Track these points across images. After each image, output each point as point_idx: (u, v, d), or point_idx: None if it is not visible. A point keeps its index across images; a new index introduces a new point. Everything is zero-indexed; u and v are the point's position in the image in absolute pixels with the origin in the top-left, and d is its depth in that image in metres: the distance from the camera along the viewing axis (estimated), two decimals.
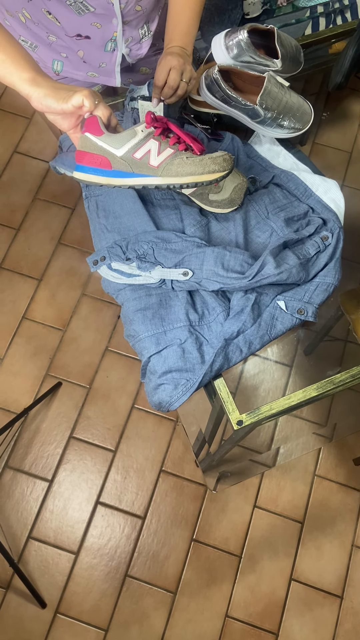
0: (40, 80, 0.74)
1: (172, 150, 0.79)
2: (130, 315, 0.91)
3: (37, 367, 1.74)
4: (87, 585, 1.54)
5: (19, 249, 1.89)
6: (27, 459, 1.65)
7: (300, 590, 1.55)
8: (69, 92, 0.74)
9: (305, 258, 0.91)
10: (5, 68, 0.74)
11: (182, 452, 1.66)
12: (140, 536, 1.59)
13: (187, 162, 0.79)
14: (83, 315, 1.81)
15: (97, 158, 0.78)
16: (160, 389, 0.85)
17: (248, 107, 0.98)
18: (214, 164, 0.79)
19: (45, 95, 0.73)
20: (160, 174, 0.79)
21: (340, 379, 0.87)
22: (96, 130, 0.77)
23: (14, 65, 0.74)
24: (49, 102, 0.73)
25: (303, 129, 1.02)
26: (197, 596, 1.54)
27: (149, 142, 0.78)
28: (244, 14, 1.19)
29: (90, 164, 0.79)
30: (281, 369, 1.11)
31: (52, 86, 0.74)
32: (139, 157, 0.78)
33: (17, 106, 2.10)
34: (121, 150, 0.77)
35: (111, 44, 1.03)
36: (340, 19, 1.26)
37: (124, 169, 0.79)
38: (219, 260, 0.87)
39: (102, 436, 1.68)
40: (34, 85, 0.73)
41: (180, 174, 0.79)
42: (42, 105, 0.74)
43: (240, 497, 1.62)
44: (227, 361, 0.86)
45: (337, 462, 1.66)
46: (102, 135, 0.76)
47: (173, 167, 0.79)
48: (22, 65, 0.74)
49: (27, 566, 1.55)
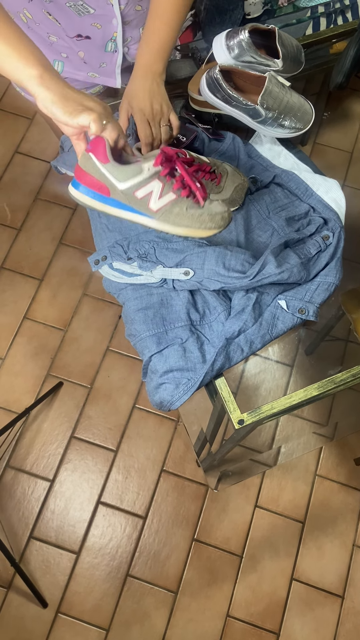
0: (48, 79, 0.69)
1: (174, 196, 0.76)
2: (131, 315, 0.91)
3: (39, 367, 1.74)
4: (89, 585, 1.54)
5: (20, 249, 1.89)
6: (29, 459, 1.65)
7: (302, 590, 1.55)
8: (78, 107, 0.69)
9: (306, 257, 0.91)
10: (11, 63, 0.69)
11: (183, 451, 1.66)
12: (141, 536, 1.59)
13: (186, 214, 0.76)
14: (84, 315, 1.81)
15: (96, 182, 0.74)
16: (162, 388, 0.86)
17: (249, 107, 0.98)
18: (212, 221, 0.77)
19: (53, 101, 0.68)
20: (157, 218, 0.76)
21: (341, 378, 0.87)
22: (102, 156, 0.72)
23: (21, 61, 0.69)
24: (55, 111, 0.69)
25: (304, 128, 1.02)
26: (198, 596, 1.54)
27: (153, 182, 0.74)
28: (245, 14, 1.19)
29: (89, 185, 0.74)
30: (282, 369, 1.11)
31: (62, 93, 0.69)
32: (140, 196, 0.75)
33: (19, 107, 2.11)
34: (124, 185, 0.74)
35: (112, 45, 1.03)
36: (341, 19, 1.26)
37: (122, 201, 0.75)
38: (220, 259, 0.87)
39: (103, 436, 1.68)
40: (41, 86, 0.68)
41: (176, 224, 0.77)
42: (47, 110, 0.70)
43: (241, 497, 1.62)
44: (228, 360, 0.86)
45: (338, 462, 1.66)
46: (107, 163, 0.72)
47: (171, 216, 0.76)
48: (30, 60, 0.69)
49: (29, 566, 1.55)
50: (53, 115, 0.70)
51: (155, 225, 0.77)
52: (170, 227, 0.77)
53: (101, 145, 0.71)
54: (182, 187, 0.76)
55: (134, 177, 0.73)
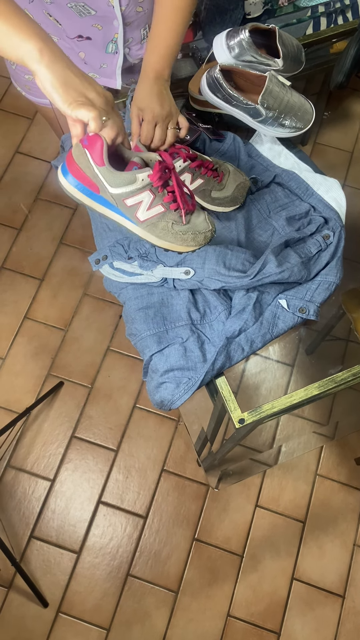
0: (49, 55, 0.66)
1: (163, 210, 0.75)
2: (132, 314, 0.91)
3: (39, 367, 1.75)
4: (89, 584, 1.54)
5: (20, 249, 1.90)
6: (29, 459, 1.65)
7: (302, 589, 1.55)
8: (78, 98, 0.66)
9: (307, 257, 0.91)
10: (9, 39, 0.65)
11: (184, 451, 1.66)
12: (142, 535, 1.59)
13: (170, 231, 0.76)
14: (85, 315, 1.81)
15: (87, 178, 0.73)
16: (162, 388, 0.86)
17: (249, 106, 0.98)
18: (194, 240, 0.78)
19: (53, 86, 0.66)
20: (142, 228, 0.76)
21: (341, 378, 0.87)
22: (97, 157, 0.70)
23: (19, 35, 0.65)
24: (54, 96, 0.66)
25: (304, 128, 1.02)
26: (199, 595, 1.54)
27: (144, 193, 0.73)
28: (245, 13, 1.19)
29: (79, 178, 0.73)
30: (283, 368, 1.11)
31: (63, 77, 0.66)
32: (129, 204, 0.74)
33: (19, 107, 2.11)
34: (115, 190, 0.72)
35: (112, 46, 1.03)
36: (342, 19, 1.26)
37: (110, 201, 0.75)
38: (220, 259, 0.88)
39: (103, 436, 1.68)
40: (41, 63, 0.65)
41: (160, 237, 0.77)
42: (46, 92, 0.67)
43: (242, 497, 1.62)
44: (228, 360, 0.86)
45: (339, 462, 1.66)
46: (102, 166, 0.70)
47: (156, 229, 0.76)
48: (27, 34, 0.65)
49: (29, 565, 1.55)
50: (51, 99, 0.67)
51: (139, 233, 0.77)
52: (154, 239, 0.77)
53: (98, 145, 0.69)
54: (172, 200, 0.75)
55: (126, 186, 0.72)
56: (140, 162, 0.76)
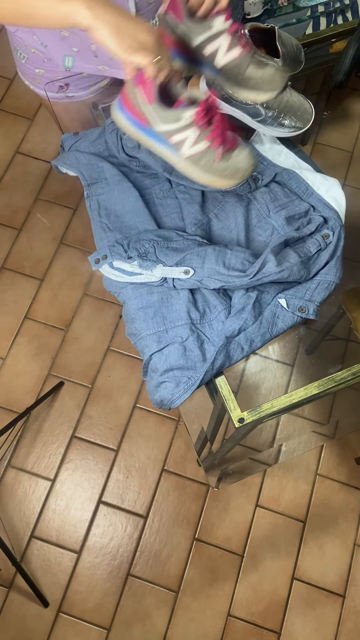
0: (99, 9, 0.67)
1: (207, 144, 0.79)
2: (131, 314, 0.91)
3: (40, 367, 1.75)
4: (90, 584, 1.54)
5: (21, 249, 1.90)
6: (30, 458, 1.65)
7: (303, 589, 1.55)
8: (132, 44, 0.69)
9: (307, 256, 0.91)
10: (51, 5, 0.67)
11: (184, 451, 1.66)
12: (142, 535, 1.59)
13: (212, 167, 0.80)
14: (85, 315, 1.81)
15: (138, 112, 0.78)
16: (162, 387, 0.86)
17: (249, 106, 0.98)
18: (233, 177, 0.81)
19: (109, 36, 0.68)
20: (186, 163, 0.81)
21: (341, 377, 0.87)
22: (147, 95, 0.75)
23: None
24: (110, 46, 0.69)
25: (304, 127, 1.02)
26: (200, 595, 1.54)
27: (189, 130, 0.78)
28: (245, 13, 1.19)
29: (131, 112, 0.79)
30: (282, 368, 1.11)
31: (116, 26, 0.68)
32: (174, 141, 0.79)
33: (19, 107, 2.11)
34: (161, 127, 0.78)
35: None
36: (341, 19, 1.26)
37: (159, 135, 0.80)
38: (220, 258, 0.88)
39: (104, 435, 1.68)
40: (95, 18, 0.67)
41: (202, 172, 0.81)
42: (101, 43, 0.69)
43: (242, 496, 1.62)
44: (228, 359, 0.86)
45: (339, 461, 1.66)
46: (151, 104, 0.76)
47: (198, 165, 0.80)
48: None
49: (30, 565, 1.55)
50: (107, 49, 0.70)
51: (182, 167, 0.82)
52: (195, 174, 0.82)
53: (149, 85, 0.75)
54: (216, 136, 0.79)
55: (172, 123, 0.77)
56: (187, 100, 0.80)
